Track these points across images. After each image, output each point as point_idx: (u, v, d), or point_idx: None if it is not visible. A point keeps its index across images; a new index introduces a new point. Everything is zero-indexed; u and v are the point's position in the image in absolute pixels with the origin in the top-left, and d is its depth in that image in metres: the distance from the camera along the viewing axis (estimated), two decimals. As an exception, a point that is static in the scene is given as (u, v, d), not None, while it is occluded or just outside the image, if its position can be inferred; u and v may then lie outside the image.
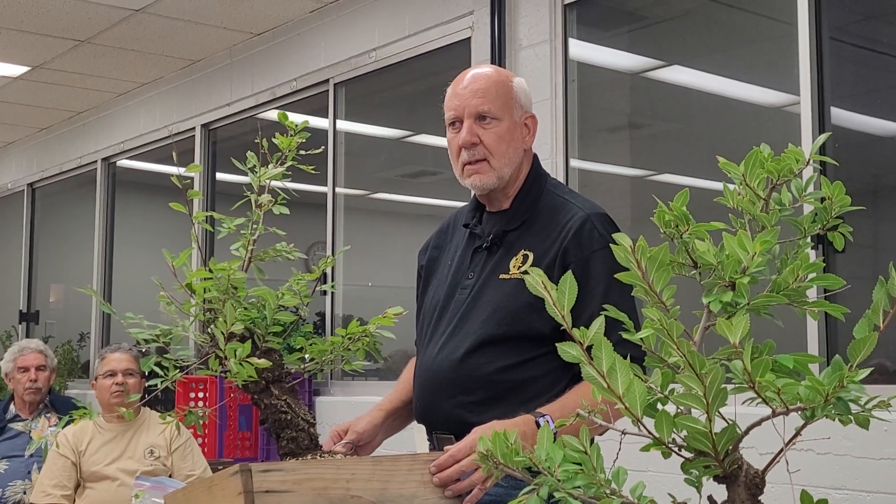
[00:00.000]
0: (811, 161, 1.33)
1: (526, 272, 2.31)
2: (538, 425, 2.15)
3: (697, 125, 5.62)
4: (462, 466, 2.06)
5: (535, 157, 2.58)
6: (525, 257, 2.41)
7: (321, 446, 2.18)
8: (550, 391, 2.33)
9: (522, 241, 2.45)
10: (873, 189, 4.77)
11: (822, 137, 1.40)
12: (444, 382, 2.42)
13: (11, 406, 5.82)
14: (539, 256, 2.39)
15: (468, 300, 2.45)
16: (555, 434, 2.10)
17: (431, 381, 2.46)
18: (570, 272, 1.27)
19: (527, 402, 2.31)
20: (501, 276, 2.42)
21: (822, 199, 1.34)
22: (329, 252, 6.91)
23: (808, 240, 1.34)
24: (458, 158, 2.49)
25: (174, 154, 2.32)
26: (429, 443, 2.46)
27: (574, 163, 5.52)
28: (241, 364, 2.03)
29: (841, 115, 4.61)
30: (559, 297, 1.24)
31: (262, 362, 2.07)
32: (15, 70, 8.41)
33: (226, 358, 2.05)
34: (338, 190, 7.04)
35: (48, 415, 5.75)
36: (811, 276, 1.26)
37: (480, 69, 2.56)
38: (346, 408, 6.46)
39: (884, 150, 4.86)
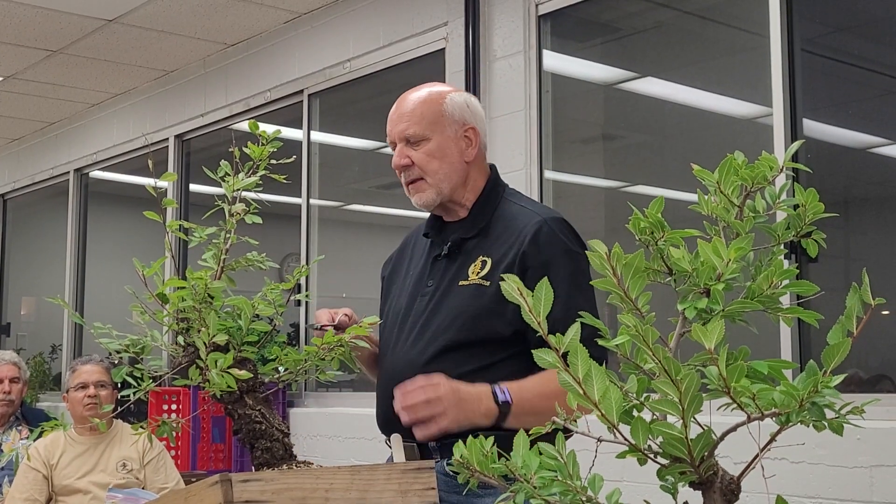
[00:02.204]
0: (784, 169, 1.34)
1: (485, 277, 2.38)
2: (495, 395, 2.29)
3: (671, 137, 5.64)
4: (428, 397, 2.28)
5: (493, 167, 2.62)
6: (483, 263, 2.44)
7: (296, 456, 2.18)
8: None
9: (480, 247, 2.49)
10: (844, 200, 4.80)
11: (796, 144, 1.41)
12: None
13: (-18, 418, 5.79)
14: (497, 262, 2.43)
15: (428, 308, 2.48)
16: (509, 403, 2.27)
17: (394, 387, 2.47)
18: (545, 279, 1.26)
19: None
20: (461, 282, 2.46)
21: (796, 207, 1.34)
22: (303, 264, 6.89)
23: (782, 247, 1.35)
24: (400, 178, 2.56)
25: (150, 163, 2.30)
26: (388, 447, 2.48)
27: (548, 174, 5.53)
28: (221, 374, 2.02)
29: (813, 127, 4.64)
30: (535, 304, 1.23)
31: (243, 373, 2.06)
32: (-14, 80, 8.37)
33: (207, 368, 2.04)
34: (312, 201, 7.03)
35: (19, 427, 5.71)
36: (785, 282, 1.26)
37: (414, 91, 2.60)
38: (320, 419, 6.44)
39: (855, 161, 4.90)
